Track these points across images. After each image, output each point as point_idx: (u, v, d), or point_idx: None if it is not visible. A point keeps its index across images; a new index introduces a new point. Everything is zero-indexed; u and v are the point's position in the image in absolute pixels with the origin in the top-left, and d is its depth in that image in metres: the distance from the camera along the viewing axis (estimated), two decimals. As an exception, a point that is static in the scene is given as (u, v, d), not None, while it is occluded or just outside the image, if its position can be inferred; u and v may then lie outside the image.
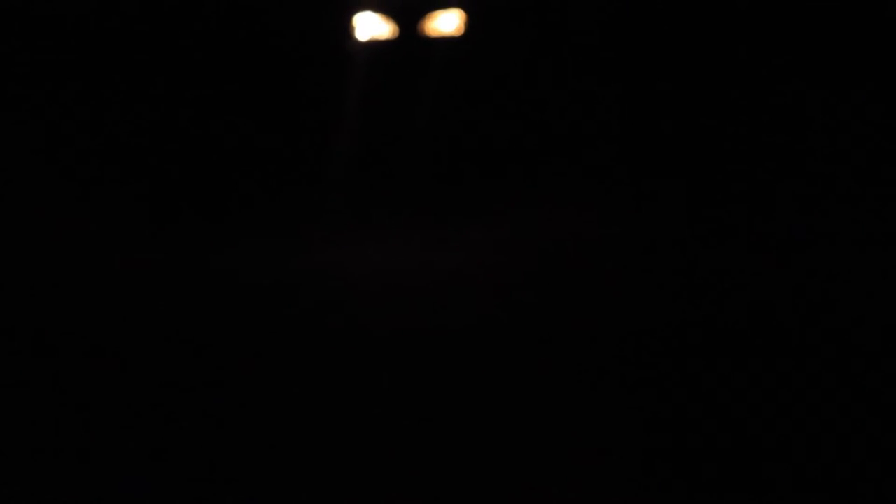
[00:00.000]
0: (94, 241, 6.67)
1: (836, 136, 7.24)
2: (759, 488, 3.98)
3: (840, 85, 7.41)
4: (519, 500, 3.92)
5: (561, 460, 4.13)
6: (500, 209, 7.13)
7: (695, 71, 7.69)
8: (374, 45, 7.62)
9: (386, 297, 5.73)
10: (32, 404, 4.62)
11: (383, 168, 7.55)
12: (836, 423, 4.40)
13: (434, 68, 7.65)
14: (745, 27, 7.67)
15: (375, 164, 7.57)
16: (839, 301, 5.59)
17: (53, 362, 5.01)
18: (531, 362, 4.99)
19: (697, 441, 4.29)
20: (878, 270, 5.90)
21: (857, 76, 7.38)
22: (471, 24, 7.70)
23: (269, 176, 7.49)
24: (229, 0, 7.79)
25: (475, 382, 4.80)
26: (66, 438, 4.32)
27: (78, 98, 7.67)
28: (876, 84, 7.35)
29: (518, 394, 4.68)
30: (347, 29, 7.66)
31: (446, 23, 7.68)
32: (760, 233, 6.53)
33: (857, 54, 7.43)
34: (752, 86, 7.57)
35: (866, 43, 7.42)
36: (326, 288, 5.90)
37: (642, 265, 6.09)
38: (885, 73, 7.35)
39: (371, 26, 7.65)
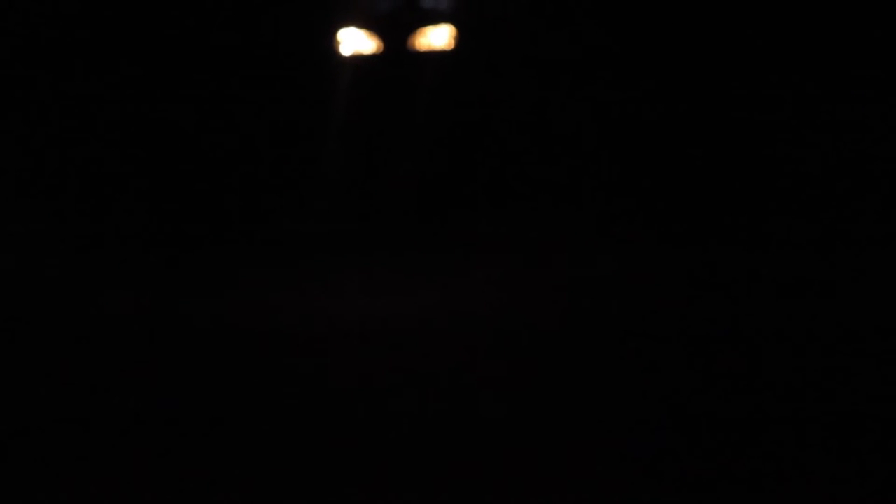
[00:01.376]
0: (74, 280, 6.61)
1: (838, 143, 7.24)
2: (759, 489, 3.89)
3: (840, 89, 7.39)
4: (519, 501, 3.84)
5: (560, 461, 4.07)
6: (495, 237, 7.07)
7: (693, 82, 7.65)
8: (359, 61, 7.56)
9: (376, 333, 5.66)
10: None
11: (371, 194, 7.48)
12: (837, 424, 4.35)
13: (422, 83, 7.59)
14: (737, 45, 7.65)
15: (362, 189, 7.50)
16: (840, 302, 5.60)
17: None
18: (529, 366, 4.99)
19: (696, 442, 4.23)
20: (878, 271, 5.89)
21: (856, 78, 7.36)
22: (461, 38, 7.65)
23: (251, 204, 7.44)
24: (208, 17, 7.74)
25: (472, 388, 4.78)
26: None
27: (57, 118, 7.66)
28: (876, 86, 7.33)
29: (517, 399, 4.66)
30: (331, 44, 7.60)
31: (436, 37, 7.63)
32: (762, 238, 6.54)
33: (858, 56, 7.40)
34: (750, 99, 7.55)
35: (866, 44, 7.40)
36: (316, 327, 5.82)
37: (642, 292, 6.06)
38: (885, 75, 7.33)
39: (355, 41, 7.59)
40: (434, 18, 7.66)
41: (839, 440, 4.22)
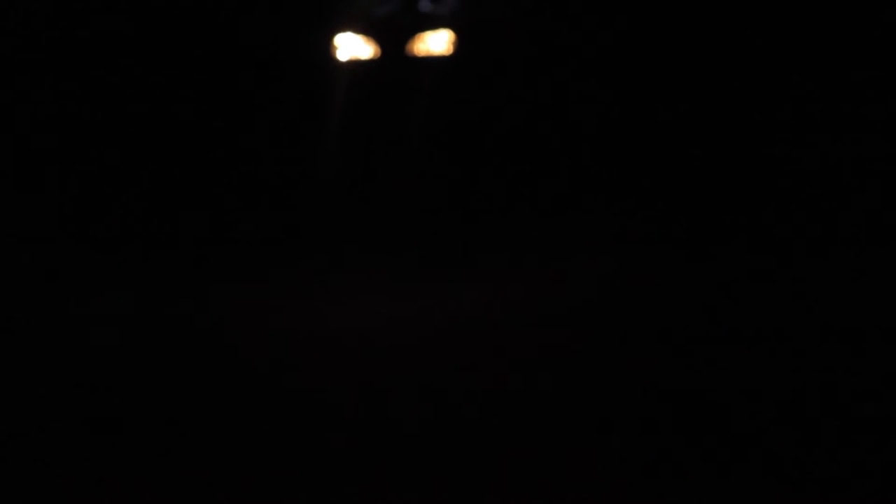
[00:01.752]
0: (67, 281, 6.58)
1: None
2: (759, 489, 3.89)
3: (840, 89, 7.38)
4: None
5: (561, 463, 4.08)
6: (494, 240, 7.03)
7: (692, 83, 7.63)
8: (356, 66, 7.53)
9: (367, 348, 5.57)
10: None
11: (369, 199, 7.43)
12: (837, 424, 4.35)
13: (420, 88, 7.56)
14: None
15: (361, 193, 7.45)
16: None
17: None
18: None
19: (696, 444, 4.24)
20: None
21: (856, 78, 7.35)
22: (459, 43, 7.63)
23: (250, 207, 7.40)
24: (206, 23, 7.73)
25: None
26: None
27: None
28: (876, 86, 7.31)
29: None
30: (328, 50, 7.57)
31: (434, 42, 7.61)
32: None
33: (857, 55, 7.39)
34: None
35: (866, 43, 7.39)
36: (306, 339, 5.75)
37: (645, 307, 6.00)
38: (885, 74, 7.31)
39: (352, 47, 7.56)
40: (432, 23, 7.63)
41: (839, 440, 4.21)
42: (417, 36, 7.60)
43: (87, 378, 5.07)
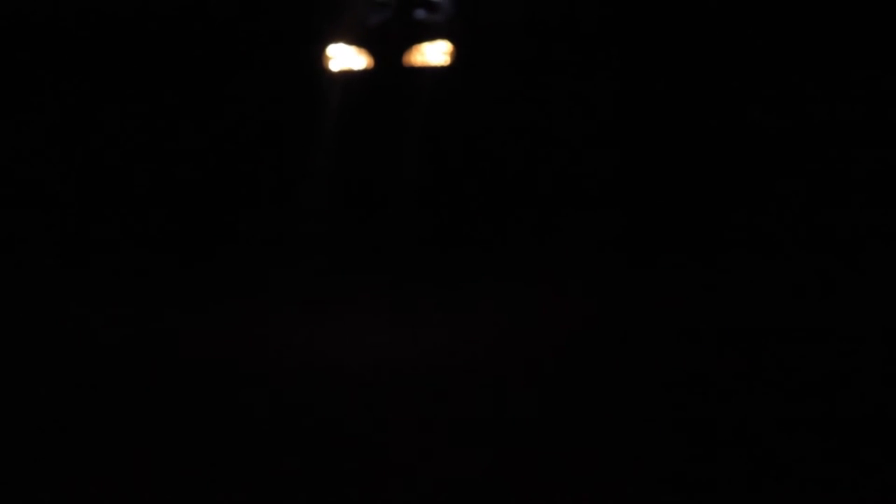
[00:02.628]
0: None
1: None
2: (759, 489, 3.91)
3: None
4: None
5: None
6: (493, 253, 7.02)
7: (692, 90, 7.64)
8: (348, 77, 7.53)
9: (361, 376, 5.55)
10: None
11: (360, 222, 7.41)
12: (837, 424, 4.36)
13: (415, 99, 7.55)
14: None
15: (351, 216, 7.43)
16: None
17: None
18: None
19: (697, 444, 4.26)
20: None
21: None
22: (456, 53, 7.63)
23: (232, 229, 7.38)
24: (201, 32, 7.75)
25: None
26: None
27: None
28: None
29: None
30: (320, 61, 7.57)
31: (430, 53, 7.61)
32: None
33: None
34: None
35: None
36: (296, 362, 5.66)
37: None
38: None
39: (345, 57, 7.56)
40: (427, 33, 7.63)
41: (840, 440, 4.23)
42: (412, 46, 7.59)
43: (86, 379, 5.08)
